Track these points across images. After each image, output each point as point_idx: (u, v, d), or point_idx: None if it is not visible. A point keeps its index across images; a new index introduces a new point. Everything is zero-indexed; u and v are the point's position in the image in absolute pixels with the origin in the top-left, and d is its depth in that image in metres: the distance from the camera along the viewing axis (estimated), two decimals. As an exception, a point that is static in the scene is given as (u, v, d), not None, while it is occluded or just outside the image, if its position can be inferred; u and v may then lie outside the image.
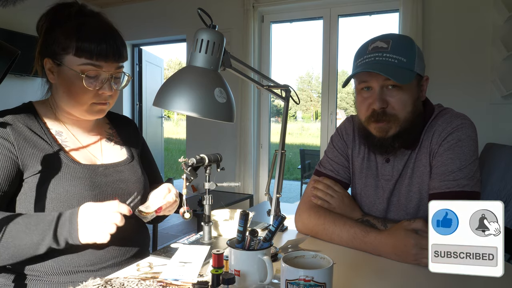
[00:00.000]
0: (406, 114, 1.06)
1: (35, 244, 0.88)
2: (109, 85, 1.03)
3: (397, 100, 1.05)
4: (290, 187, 7.70)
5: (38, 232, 0.88)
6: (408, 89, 1.05)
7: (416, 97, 1.09)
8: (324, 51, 3.84)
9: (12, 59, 0.66)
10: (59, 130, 1.07)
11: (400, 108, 1.06)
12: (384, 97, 1.06)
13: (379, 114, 1.06)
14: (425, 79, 1.11)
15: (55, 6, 1.04)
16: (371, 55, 1.05)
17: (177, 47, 56.43)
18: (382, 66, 1.03)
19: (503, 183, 1.58)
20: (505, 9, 3.03)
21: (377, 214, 1.20)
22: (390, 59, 1.03)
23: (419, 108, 1.11)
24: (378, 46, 1.05)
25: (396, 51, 1.03)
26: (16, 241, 0.87)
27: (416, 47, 1.07)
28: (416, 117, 1.09)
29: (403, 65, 1.03)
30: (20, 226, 0.88)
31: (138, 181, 1.14)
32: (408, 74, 1.03)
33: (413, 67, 1.04)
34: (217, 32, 0.85)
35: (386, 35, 1.08)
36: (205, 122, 3.66)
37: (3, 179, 0.93)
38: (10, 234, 0.87)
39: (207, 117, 0.80)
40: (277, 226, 0.79)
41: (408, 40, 1.08)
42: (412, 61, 1.04)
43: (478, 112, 3.15)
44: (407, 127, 1.07)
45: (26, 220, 0.89)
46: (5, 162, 0.94)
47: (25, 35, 3.73)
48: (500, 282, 0.90)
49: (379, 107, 1.05)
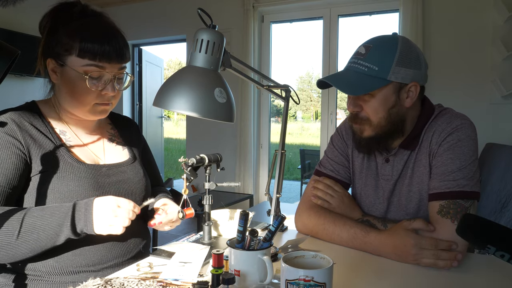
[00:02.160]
0: (378, 119, 1.08)
1: (53, 235, 0.89)
2: (112, 86, 1.03)
3: (368, 107, 1.07)
4: (290, 187, 7.70)
5: (55, 224, 0.89)
6: (380, 97, 1.05)
7: (391, 104, 1.06)
8: (324, 51, 3.84)
9: (12, 59, 0.66)
10: (62, 129, 1.07)
11: (372, 114, 1.08)
12: (358, 102, 1.09)
13: (354, 116, 1.11)
14: (410, 85, 1.06)
15: (57, 5, 1.04)
16: (351, 60, 1.08)
17: (177, 47, 56.44)
18: (349, 75, 1.06)
19: (503, 183, 1.58)
20: (505, 9, 3.03)
21: (377, 214, 1.20)
22: (361, 67, 1.04)
23: (398, 115, 1.08)
24: (359, 51, 1.07)
25: (370, 58, 1.04)
26: (35, 234, 0.88)
27: (398, 52, 1.02)
28: (391, 124, 1.08)
29: (372, 73, 1.03)
30: (37, 219, 0.89)
31: (140, 181, 1.15)
32: (374, 83, 1.03)
33: (386, 75, 1.03)
34: (217, 32, 0.85)
35: (373, 39, 1.09)
36: (205, 122, 3.66)
37: (13, 174, 0.94)
38: (28, 228, 0.88)
39: (207, 117, 0.80)
40: (277, 226, 0.79)
41: (391, 45, 1.04)
42: (386, 69, 1.02)
43: (478, 112, 3.15)
44: (381, 132, 1.09)
45: (40, 212, 0.90)
46: (15, 159, 0.95)
47: (25, 35, 3.73)
48: (500, 282, 0.90)
49: (352, 110, 1.11)
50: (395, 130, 1.10)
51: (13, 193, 0.95)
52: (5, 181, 0.93)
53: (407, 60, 1.04)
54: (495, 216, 1.56)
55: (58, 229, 0.89)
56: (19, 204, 0.98)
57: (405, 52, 1.04)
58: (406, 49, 1.04)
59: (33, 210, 0.90)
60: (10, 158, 0.94)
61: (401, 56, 1.03)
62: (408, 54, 1.04)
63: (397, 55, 1.03)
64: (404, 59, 1.04)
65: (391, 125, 1.08)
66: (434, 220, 1.01)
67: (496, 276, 0.93)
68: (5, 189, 0.93)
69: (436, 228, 0.99)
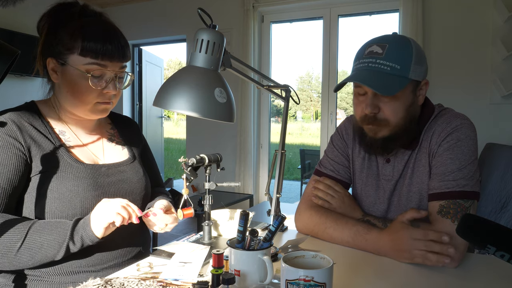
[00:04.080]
0: (397, 120, 1.07)
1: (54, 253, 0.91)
2: (114, 84, 1.03)
3: (389, 107, 1.06)
4: (290, 187, 7.70)
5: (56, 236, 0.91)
6: (401, 96, 1.05)
7: (409, 103, 1.07)
8: (324, 51, 3.84)
9: (12, 59, 0.66)
10: (62, 129, 1.07)
11: (392, 115, 1.06)
12: (376, 103, 1.06)
13: (371, 118, 1.08)
14: (423, 83, 1.09)
15: (56, 6, 1.04)
16: (366, 60, 1.05)
17: (177, 47, 56.45)
18: (372, 75, 1.02)
19: (503, 183, 1.58)
20: (505, 9, 3.03)
21: (378, 214, 1.20)
22: (383, 66, 1.02)
23: (413, 113, 1.09)
24: (373, 50, 1.05)
25: (390, 57, 1.02)
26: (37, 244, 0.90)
27: (414, 50, 1.04)
28: (408, 122, 1.08)
29: (395, 73, 1.02)
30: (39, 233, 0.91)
31: (140, 180, 1.15)
32: (399, 82, 1.02)
33: (407, 74, 1.02)
34: (217, 32, 0.85)
35: (384, 38, 1.07)
36: (205, 122, 3.66)
37: (15, 176, 0.94)
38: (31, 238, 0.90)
39: (207, 117, 0.80)
40: (277, 226, 0.79)
41: (406, 43, 1.05)
42: (407, 67, 1.02)
43: (478, 112, 3.15)
44: (398, 131, 1.08)
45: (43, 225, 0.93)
46: (16, 160, 0.95)
47: (25, 35, 3.73)
48: (500, 282, 0.90)
49: (370, 112, 1.07)
50: (411, 128, 1.09)
51: (14, 194, 0.95)
52: (6, 183, 0.93)
53: (420, 57, 1.05)
54: (495, 216, 1.56)
55: (59, 246, 0.91)
56: (19, 204, 0.98)
57: (418, 50, 1.05)
58: (417, 47, 1.06)
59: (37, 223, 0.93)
60: (11, 159, 0.94)
61: (416, 54, 1.04)
62: (420, 52, 1.06)
63: (414, 53, 1.03)
64: (419, 57, 1.05)
65: (408, 123, 1.08)
66: (434, 220, 1.01)
67: (496, 276, 0.93)
68: (7, 190, 0.93)
69: (436, 228, 0.99)
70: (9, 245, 0.89)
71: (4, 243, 0.88)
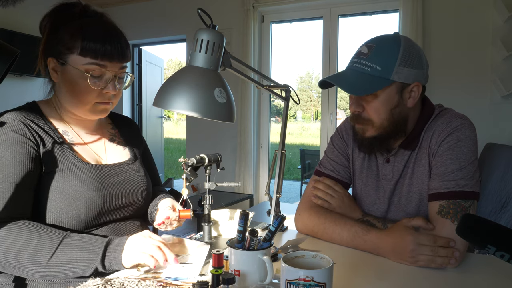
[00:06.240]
0: (381, 120, 1.07)
1: (83, 267, 0.89)
2: (113, 85, 1.04)
3: (371, 107, 1.07)
4: (290, 187, 7.70)
5: (86, 254, 0.90)
6: (383, 96, 1.05)
7: (394, 105, 1.06)
8: (324, 51, 3.84)
9: (12, 59, 0.66)
10: (65, 129, 1.08)
11: (374, 115, 1.07)
12: (360, 102, 1.08)
13: (357, 117, 1.10)
14: (413, 86, 1.06)
15: (58, 6, 1.04)
16: (353, 60, 1.08)
17: (177, 47, 56.45)
18: (351, 74, 1.05)
19: (503, 183, 1.57)
20: (505, 9, 3.03)
21: (378, 214, 1.20)
22: (364, 67, 1.04)
23: (401, 115, 1.08)
24: (361, 51, 1.07)
25: (373, 58, 1.03)
26: (66, 261, 0.89)
27: (401, 52, 1.02)
28: (394, 124, 1.08)
29: (375, 73, 1.02)
30: (69, 250, 0.90)
31: (142, 180, 1.16)
32: (378, 83, 1.02)
33: (389, 75, 1.02)
34: (217, 32, 0.85)
35: (375, 38, 1.08)
36: (205, 122, 3.66)
37: (34, 173, 0.95)
38: (62, 252, 0.89)
39: (207, 117, 0.80)
40: (277, 226, 0.79)
41: (393, 45, 1.03)
42: (389, 69, 1.02)
43: (478, 112, 3.15)
44: (384, 132, 1.08)
45: (76, 239, 0.91)
46: (30, 158, 0.95)
47: (25, 35, 3.73)
48: (500, 282, 0.90)
49: (354, 110, 1.10)
50: (397, 131, 1.09)
51: (32, 192, 0.96)
52: (28, 179, 0.94)
53: (409, 60, 1.03)
54: (495, 216, 1.56)
55: (87, 265, 0.89)
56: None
57: (408, 51, 1.03)
58: (408, 49, 1.04)
59: (69, 238, 0.91)
60: (27, 157, 0.95)
61: (404, 56, 1.03)
62: (410, 54, 1.04)
63: (400, 55, 1.02)
64: (407, 59, 1.03)
65: (394, 125, 1.08)
66: (434, 220, 1.01)
67: (496, 276, 0.93)
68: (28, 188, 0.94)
69: (436, 228, 0.99)
70: (40, 255, 0.88)
71: (34, 252, 0.88)
